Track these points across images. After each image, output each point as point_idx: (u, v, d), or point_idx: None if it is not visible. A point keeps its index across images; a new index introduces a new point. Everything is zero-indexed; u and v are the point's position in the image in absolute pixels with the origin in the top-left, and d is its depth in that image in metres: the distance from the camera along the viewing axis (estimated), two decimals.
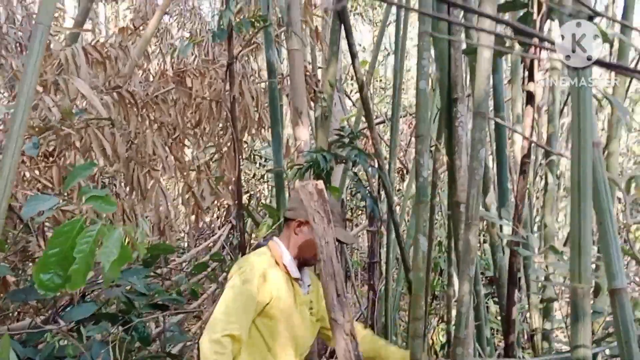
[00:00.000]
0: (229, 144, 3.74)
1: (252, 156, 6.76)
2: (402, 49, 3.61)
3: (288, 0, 2.83)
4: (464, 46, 2.50)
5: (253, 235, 4.84)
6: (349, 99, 5.78)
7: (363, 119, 4.71)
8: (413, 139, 7.50)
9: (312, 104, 3.84)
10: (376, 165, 2.82)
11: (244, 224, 2.93)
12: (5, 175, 1.39)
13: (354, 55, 2.79)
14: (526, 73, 2.64)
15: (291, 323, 2.21)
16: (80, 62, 2.38)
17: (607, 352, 2.42)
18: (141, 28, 5.25)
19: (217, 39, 2.58)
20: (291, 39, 2.80)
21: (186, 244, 6.24)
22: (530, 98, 2.59)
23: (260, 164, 7.11)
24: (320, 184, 2.10)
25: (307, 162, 2.70)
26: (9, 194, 1.48)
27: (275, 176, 3.07)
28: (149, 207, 3.30)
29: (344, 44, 2.78)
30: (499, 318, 5.75)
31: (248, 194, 6.85)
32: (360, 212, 6.76)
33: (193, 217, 3.60)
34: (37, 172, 2.65)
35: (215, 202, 4.87)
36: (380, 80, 8.13)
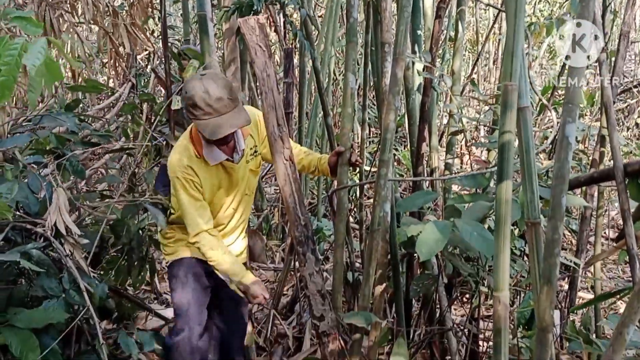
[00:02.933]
0: None
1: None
2: None
3: None
4: None
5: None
6: None
7: None
8: None
9: None
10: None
11: (168, 67, 2.95)
12: None
13: None
14: None
15: (224, 189, 2.48)
16: None
17: None
18: None
19: None
20: None
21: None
22: None
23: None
24: (262, 18, 2.19)
25: (234, 4, 2.73)
26: None
27: (199, 20, 3.06)
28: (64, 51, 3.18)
29: None
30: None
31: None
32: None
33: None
34: None
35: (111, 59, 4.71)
36: None
